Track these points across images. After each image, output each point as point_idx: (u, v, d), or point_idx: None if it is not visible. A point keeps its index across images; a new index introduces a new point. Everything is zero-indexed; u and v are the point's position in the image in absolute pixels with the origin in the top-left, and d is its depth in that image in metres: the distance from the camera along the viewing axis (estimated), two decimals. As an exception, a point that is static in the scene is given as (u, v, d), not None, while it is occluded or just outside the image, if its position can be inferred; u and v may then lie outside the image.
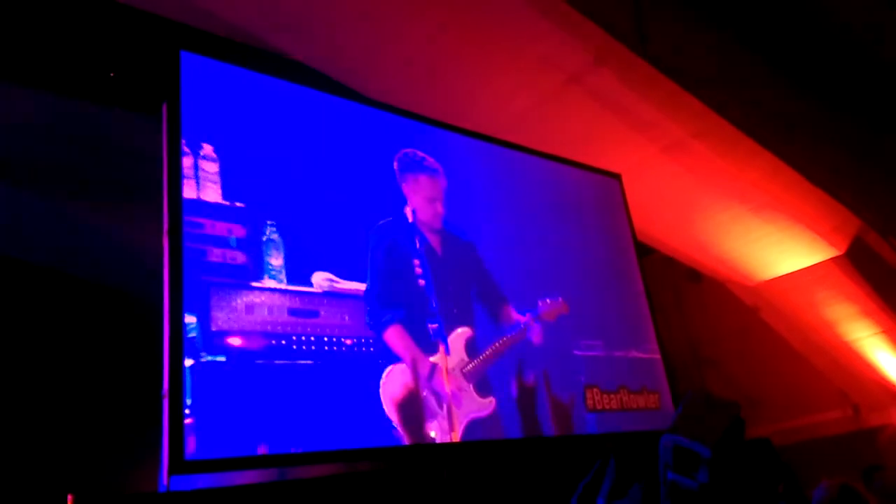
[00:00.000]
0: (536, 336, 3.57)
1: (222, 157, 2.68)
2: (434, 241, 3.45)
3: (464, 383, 3.19)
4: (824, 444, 6.44)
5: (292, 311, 2.71)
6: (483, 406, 3.20)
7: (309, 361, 2.68)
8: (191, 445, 2.22)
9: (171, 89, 2.64)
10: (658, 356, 4.04)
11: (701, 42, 4.99)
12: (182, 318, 2.33)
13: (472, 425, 3.14)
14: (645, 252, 5.08)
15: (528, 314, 3.59)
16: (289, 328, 2.67)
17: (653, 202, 5.17)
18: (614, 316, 3.97)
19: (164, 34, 3.59)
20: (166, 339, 2.30)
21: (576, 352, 3.62)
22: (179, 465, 2.20)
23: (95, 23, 3.67)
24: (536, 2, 3.77)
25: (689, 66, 4.56)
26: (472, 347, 3.31)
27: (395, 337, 3.05)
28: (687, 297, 7.39)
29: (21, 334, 4.56)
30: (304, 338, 2.71)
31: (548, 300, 3.65)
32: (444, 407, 3.05)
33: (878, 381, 6.29)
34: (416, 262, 3.28)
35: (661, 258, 6.40)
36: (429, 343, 3.14)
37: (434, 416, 3.00)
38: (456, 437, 3.03)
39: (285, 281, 2.72)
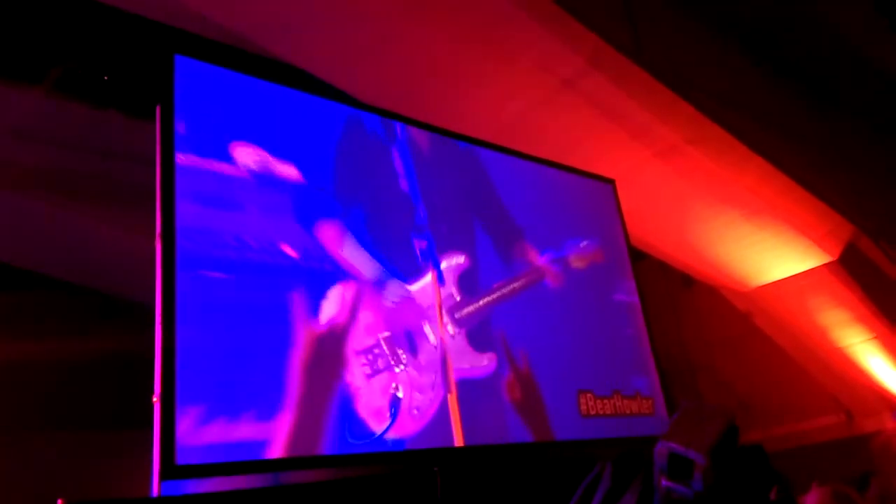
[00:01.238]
0: (556, 281, 2.95)
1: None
2: (421, 139, 2.79)
3: (453, 329, 2.56)
4: (817, 449, 6.46)
5: (203, 199, 2.27)
6: (478, 362, 2.62)
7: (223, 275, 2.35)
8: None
9: (164, 92, 2.63)
10: (652, 361, 4.04)
11: (694, 47, 5.02)
12: (174, 322, 2.32)
13: (465, 387, 2.59)
14: (638, 257, 5.09)
15: (548, 254, 2.91)
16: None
17: (646, 207, 5.18)
18: (608, 320, 3.96)
19: (158, 38, 3.59)
20: (158, 343, 2.29)
21: (570, 355, 3.61)
22: (171, 470, 2.18)
23: (90, 26, 3.67)
24: (530, 6, 3.78)
25: (683, 72, 4.59)
26: (468, 284, 2.64)
27: (341, 242, 2.44)
28: (681, 302, 7.40)
29: (13, 340, 4.54)
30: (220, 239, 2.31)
31: (582, 242, 2.94)
32: (435, 355, 2.43)
33: (871, 387, 6.32)
34: (396, 153, 2.68)
35: (654, 263, 6.42)
36: (413, 266, 2.54)
37: (414, 367, 2.44)
38: (452, 400, 2.51)
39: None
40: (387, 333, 2.58)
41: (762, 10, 5.30)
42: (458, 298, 2.69)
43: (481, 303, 2.71)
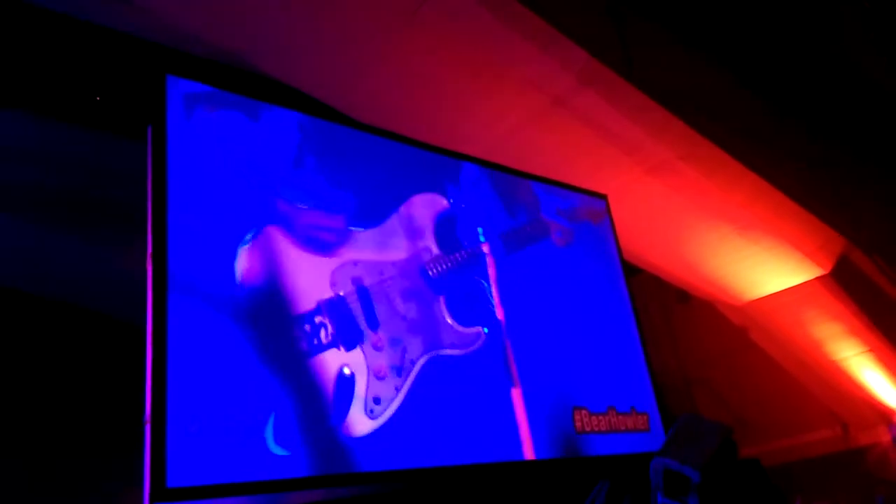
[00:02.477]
0: (562, 239, 2.54)
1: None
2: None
3: (426, 291, 1.98)
4: (814, 463, 6.44)
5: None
6: (460, 337, 2.08)
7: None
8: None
9: (156, 112, 2.64)
10: (647, 377, 4.03)
11: (685, 65, 5.06)
12: (165, 342, 2.30)
13: (432, 366, 2.04)
14: (633, 272, 5.10)
15: (555, 204, 2.43)
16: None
17: (640, 223, 5.19)
18: (602, 336, 3.96)
19: (150, 58, 3.60)
20: (148, 364, 2.27)
21: (564, 372, 3.60)
22: (161, 492, 2.16)
23: (81, 46, 3.68)
24: (521, 24, 3.81)
25: (675, 89, 4.62)
26: (447, 230, 2.10)
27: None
28: (676, 317, 7.41)
29: (7, 360, 4.50)
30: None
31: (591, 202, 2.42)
32: (404, 327, 1.84)
33: (867, 400, 6.32)
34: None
35: (649, 278, 6.42)
36: (372, 204, 1.99)
37: (373, 343, 1.85)
38: (406, 382, 1.93)
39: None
40: (330, 295, 2.03)
41: (753, 29, 5.35)
42: (435, 251, 2.14)
43: (464, 253, 2.07)
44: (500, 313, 2.67)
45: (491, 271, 2.64)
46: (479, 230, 2.65)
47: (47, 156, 4.07)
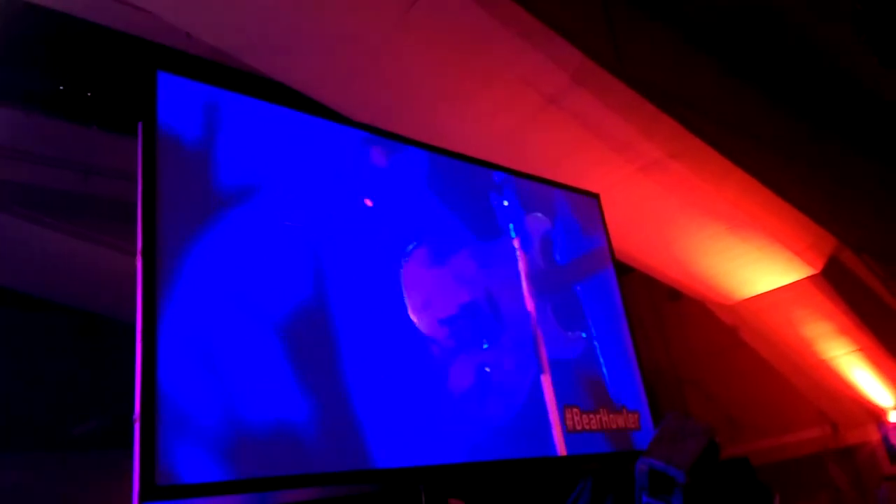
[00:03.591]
0: (550, 235, 2.96)
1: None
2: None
3: (539, 301, 2.23)
4: (803, 462, 6.48)
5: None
6: (569, 342, 2.34)
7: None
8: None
9: (147, 109, 2.62)
10: (638, 375, 4.04)
11: (677, 63, 5.08)
12: (155, 340, 2.29)
13: (556, 367, 2.31)
14: (624, 271, 5.11)
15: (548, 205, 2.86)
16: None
17: (631, 221, 5.21)
18: (593, 334, 3.96)
19: (142, 54, 3.59)
20: (138, 363, 2.26)
21: (555, 370, 3.60)
22: (151, 490, 2.15)
23: (73, 42, 3.66)
24: (515, 24, 3.82)
25: (666, 88, 4.64)
26: (550, 251, 2.45)
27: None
28: (667, 315, 7.44)
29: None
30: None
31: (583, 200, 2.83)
32: (523, 329, 2.09)
33: (856, 399, 6.36)
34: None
35: (640, 277, 6.44)
36: (491, 224, 2.26)
37: (499, 345, 2.10)
38: (547, 381, 2.22)
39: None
40: (468, 300, 2.25)
41: (745, 26, 5.37)
42: (542, 266, 2.41)
43: (564, 271, 2.42)
44: (530, 305, 2.82)
45: (521, 265, 2.87)
46: (511, 226, 2.93)
47: (38, 152, 4.05)
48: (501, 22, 3.78)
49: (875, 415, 6.40)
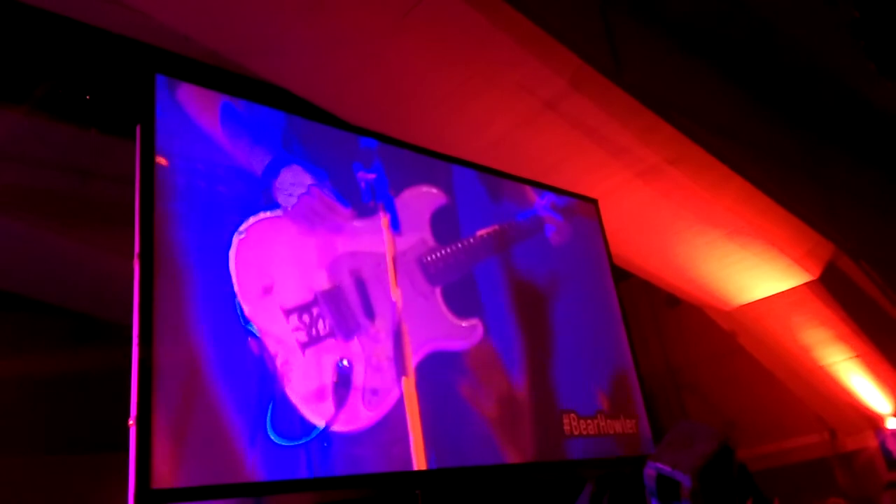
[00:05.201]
0: (558, 236, 2.57)
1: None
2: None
3: (423, 285, 2.03)
4: (801, 468, 6.46)
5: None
6: (457, 331, 2.09)
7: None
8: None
9: (145, 112, 2.62)
10: (636, 380, 4.04)
11: (674, 70, 5.09)
12: (151, 343, 2.29)
13: (431, 362, 2.04)
14: (622, 277, 5.11)
15: (547, 196, 2.51)
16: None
17: (629, 227, 5.21)
18: (592, 340, 3.96)
19: (141, 58, 3.59)
20: (135, 365, 2.26)
21: (553, 376, 3.59)
22: (146, 494, 2.14)
23: (72, 45, 3.66)
24: (512, 28, 3.82)
25: (664, 94, 4.65)
26: (444, 225, 2.13)
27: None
28: (665, 321, 7.43)
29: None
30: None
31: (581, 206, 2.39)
32: (380, 318, 1.83)
33: (854, 406, 6.35)
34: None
35: (639, 283, 6.44)
36: (356, 201, 2.01)
37: (370, 335, 1.86)
38: (409, 378, 1.93)
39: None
40: (328, 286, 2.02)
41: (742, 34, 5.39)
42: (430, 243, 2.17)
43: (460, 246, 2.15)
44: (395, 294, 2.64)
45: (389, 247, 2.65)
46: (377, 202, 2.71)
47: (37, 155, 4.04)
48: (499, 27, 3.79)
49: (872, 421, 6.39)
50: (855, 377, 6.18)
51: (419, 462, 2.56)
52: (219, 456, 2.32)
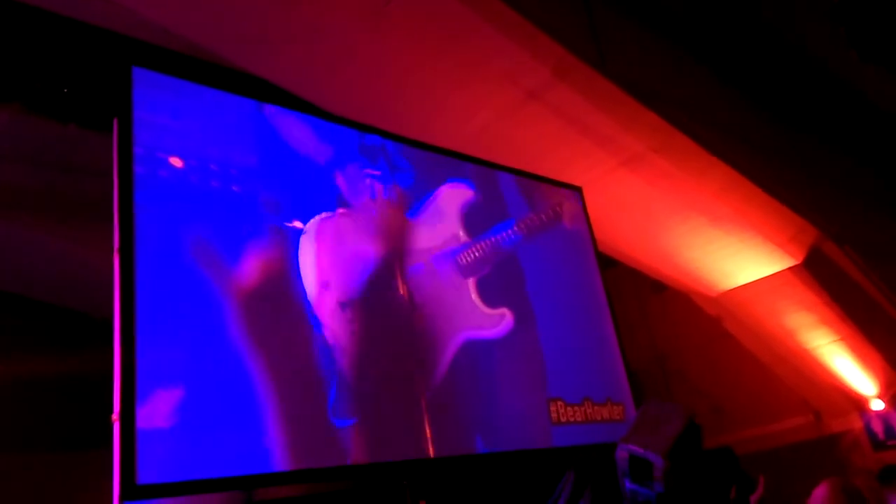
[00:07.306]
0: (534, 229, 2.78)
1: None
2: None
3: (455, 277, 2.12)
4: (788, 451, 6.54)
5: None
6: (489, 320, 2.21)
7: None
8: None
9: (122, 105, 2.59)
10: (622, 367, 4.06)
11: (658, 58, 5.10)
12: (133, 338, 2.27)
13: (467, 351, 2.14)
14: (608, 264, 5.13)
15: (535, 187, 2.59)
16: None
17: (614, 214, 5.23)
18: (578, 328, 3.98)
19: (118, 49, 3.54)
20: (117, 361, 2.24)
21: (539, 364, 3.61)
22: (131, 490, 2.13)
23: (47, 37, 3.60)
24: (496, 18, 3.81)
25: (647, 82, 4.65)
26: (475, 219, 2.24)
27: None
28: (651, 307, 7.48)
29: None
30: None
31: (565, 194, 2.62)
32: (418, 309, 1.94)
33: (839, 388, 6.43)
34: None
35: (624, 270, 6.47)
36: (377, 199, 2.13)
37: (387, 326, 2.02)
38: (442, 366, 2.03)
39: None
40: (374, 280, 2.16)
41: (725, 23, 5.40)
42: (462, 237, 2.26)
43: (491, 241, 2.22)
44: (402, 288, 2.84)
45: (409, 242, 2.85)
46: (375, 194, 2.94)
47: (13, 150, 3.99)
48: (481, 16, 3.77)
49: (857, 403, 6.47)
50: (839, 360, 6.25)
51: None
52: (216, 450, 2.31)
